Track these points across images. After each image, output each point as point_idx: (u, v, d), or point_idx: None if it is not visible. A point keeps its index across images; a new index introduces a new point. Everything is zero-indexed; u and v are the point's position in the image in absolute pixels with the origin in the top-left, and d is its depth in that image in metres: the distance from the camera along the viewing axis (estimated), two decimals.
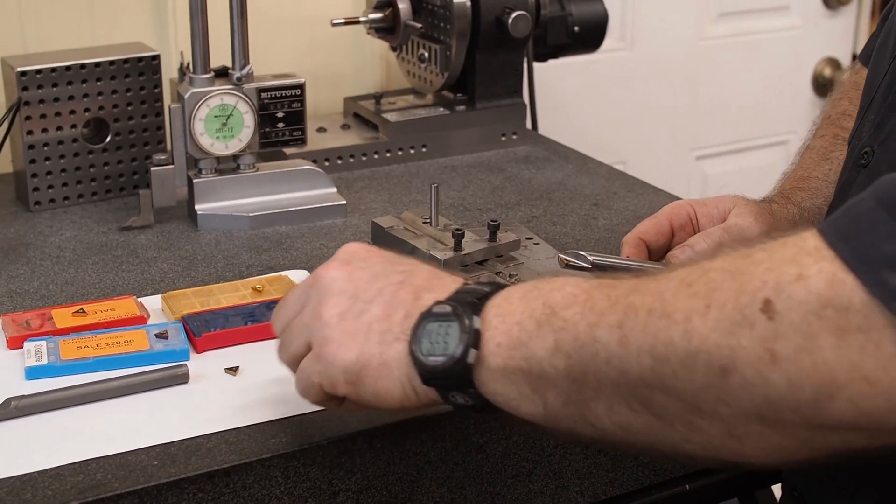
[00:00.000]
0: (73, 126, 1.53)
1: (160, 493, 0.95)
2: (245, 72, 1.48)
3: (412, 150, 1.74)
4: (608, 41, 1.93)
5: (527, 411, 0.83)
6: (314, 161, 1.60)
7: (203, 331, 1.16)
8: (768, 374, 0.69)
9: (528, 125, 1.91)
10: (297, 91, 1.52)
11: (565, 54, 1.92)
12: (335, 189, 1.55)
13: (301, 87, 1.52)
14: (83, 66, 1.52)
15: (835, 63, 2.66)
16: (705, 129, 2.54)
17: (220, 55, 1.51)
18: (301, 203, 1.51)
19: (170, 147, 1.53)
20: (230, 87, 1.48)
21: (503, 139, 1.80)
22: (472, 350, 0.83)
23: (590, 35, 1.89)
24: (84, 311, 1.20)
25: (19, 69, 1.48)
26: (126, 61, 1.54)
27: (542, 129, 1.99)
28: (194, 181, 1.49)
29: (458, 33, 1.71)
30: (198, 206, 1.49)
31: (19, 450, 0.98)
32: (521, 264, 1.27)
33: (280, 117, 1.51)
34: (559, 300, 0.81)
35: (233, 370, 1.12)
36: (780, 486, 1.11)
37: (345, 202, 1.53)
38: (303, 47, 1.89)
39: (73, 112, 1.53)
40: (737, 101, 2.55)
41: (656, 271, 1.14)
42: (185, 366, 1.09)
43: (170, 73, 1.68)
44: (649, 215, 1.21)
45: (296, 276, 1.31)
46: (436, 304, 0.87)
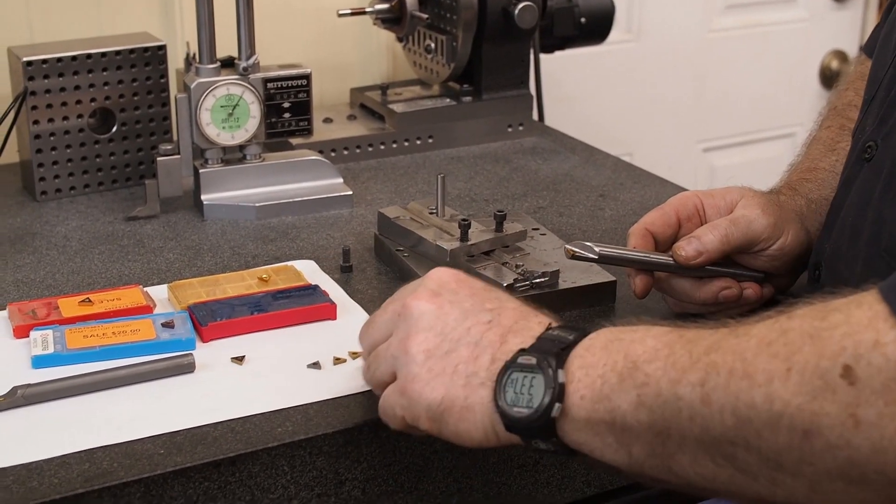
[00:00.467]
0: (80, 116, 1.53)
1: (166, 481, 0.95)
2: (251, 62, 1.48)
3: (418, 141, 1.74)
4: (615, 33, 1.93)
5: (611, 459, 0.85)
6: (320, 152, 1.60)
7: (209, 320, 1.16)
8: (851, 438, 0.71)
9: (535, 116, 1.90)
10: (304, 81, 1.52)
11: (572, 46, 1.92)
12: (341, 179, 1.54)
13: (307, 77, 1.52)
14: (89, 56, 1.52)
15: (842, 56, 2.65)
16: (712, 122, 2.53)
17: (227, 45, 1.50)
18: (307, 193, 1.51)
19: (176, 137, 1.53)
20: (236, 77, 1.48)
21: (509, 130, 1.80)
22: (557, 404, 0.85)
23: (596, 26, 1.89)
24: (90, 301, 1.20)
25: (25, 59, 1.48)
26: (132, 51, 1.54)
27: (549, 121, 1.98)
28: (200, 171, 1.49)
29: (465, 24, 1.71)
30: (204, 197, 1.49)
31: (26, 438, 0.98)
32: (528, 255, 1.27)
33: (286, 108, 1.51)
34: (640, 353, 0.83)
35: (239, 359, 1.12)
36: None
37: (351, 193, 1.53)
38: (309, 38, 1.89)
39: (79, 102, 1.53)
40: (744, 93, 2.54)
41: (669, 265, 1.14)
42: (192, 355, 1.09)
43: (176, 63, 1.68)
44: (656, 207, 1.20)
45: (302, 266, 1.31)
46: (521, 354, 0.88)
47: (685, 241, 1.15)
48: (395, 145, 1.73)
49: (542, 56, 1.93)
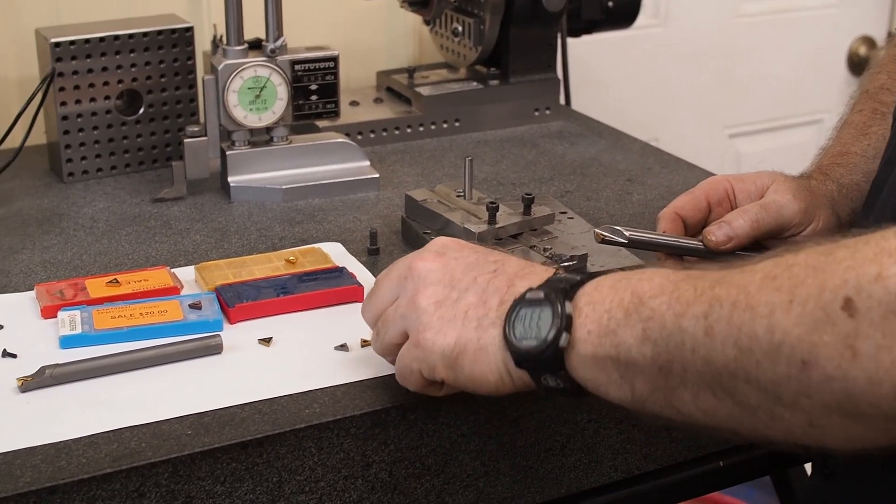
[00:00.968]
0: (107, 98, 1.53)
1: (194, 462, 0.95)
2: (279, 44, 1.48)
3: (445, 125, 1.74)
4: (642, 17, 1.92)
5: (615, 396, 0.86)
6: (347, 135, 1.59)
7: (236, 301, 1.15)
8: (848, 369, 0.71)
9: (561, 100, 1.90)
10: (331, 63, 1.51)
11: (599, 30, 1.91)
12: (368, 162, 1.54)
13: (335, 59, 1.52)
14: (117, 37, 1.52)
15: (870, 41, 2.63)
16: (739, 107, 2.52)
17: (254, 27, 1.50)
18: (334, 176, 1.51)
19: (203, 119, 1.53)
20: (264, 59, 1.47)
21: (536, 114, 1.79)
22: (564, 334, 0.85)
23: (624, 11, 1.88)
24: (118, 282, 1.20)
25: (53, 40, 1.48)
26: (160, 33, 1.54)
27: (575, 105, 1.97)
28: (227, 153, 1.49)
29: (493, 7, 1.70)
30: (231, 179, 1.49)
31: (54, 418, 0.98)
32: (556, 238, 1.27)
33: (313, 90, 1.51)
34: (647, 290, 0.83)
35: (266, 341, 1.11)
36: (811, 464, 1.10)
37: (378, 175, 1.52)
38: (336, 20, 1.88)
39: (106, 84, 1.53)
40: (771, 79, 2.53)
41: (698, 248, 1.14)
42: (219, 336, 1.09)
43: (203, 45, 1.68)
44: (684, 191, 1.20)
45: (329, 248, 1.31)
46: (529, 291, 0.89)
47: (715, 225, 1.14)
48: (421, 128, 1.73)
49: (570, 40, 1.92)
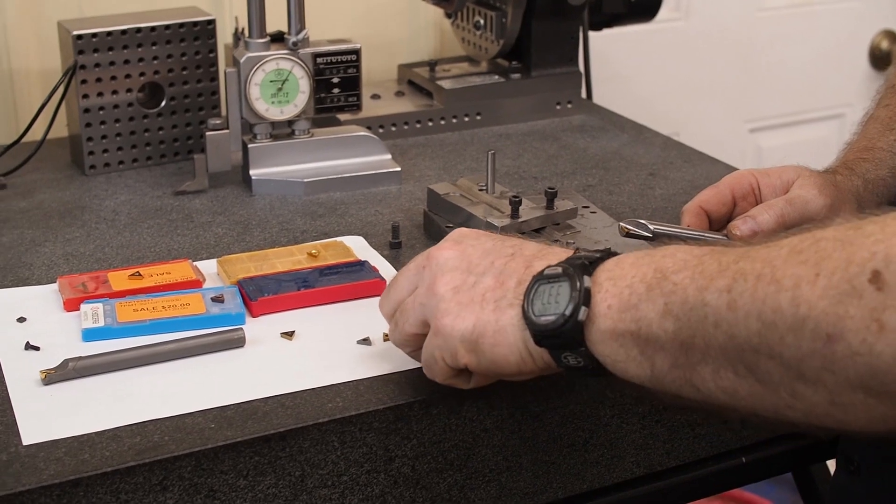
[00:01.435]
0: (129, 90, 1.53)
1: (217, 455, 0.95)
2: (301, 37, 1.47)
3: (466, 118, 1.73)
4: (664, 11, 1.91)
5: (634, 373, 0.85)
6: (368, 128, 1.59)
7: (259, 295, 1.15)
8: (874, 343, 0.70)
9: (583, 94, 1.89)
10: (353, 56, 1.51)
11: (621, 23, 1.91)
12: (390, 156, 1.54)
13: (357, 52, 1.51)
14: (139, 30, 1.52)
15: (892, 35, 2.62)
16: (760, 102, 2.51)
17: (276, 20, 1.50)
18: (356, 169, 1.50)
19: (225, 112, 1.52)
20: (286, 51, 1.47)
21: (558, 108, 1.79)
22: (583, 308, 0.84)
23: (646, 4, 1.87)
24: (140, 275, 1.20)
25: (75, 33, 1.48)
26: (182, 26, 1.54)
27: (597, 99, 1.97)
28: (249, 146, 1.49)
29: (515, 0, 1.70)
30: (252, 172, 1.49)
31: (77, 411, 0.98)
32: (579, 232, 1.26)
33: (335, 83, 1.51)
34: (670, 265, 0.82)
35: (289, 335, 1.11)
36: (836, 459, 1.10)
37: (399, 169, 1.52)
38: (357, 13, 1.88)
39: (128, 76, 1.53)
40: (792, 73, 2.52)
41: (722, 241, 1.13)
42: (242, 329, 1.09)
43: (224, 38, 1.68)
44: (706, 186, 1.19)
45: (351, 241, 1.30)
46: (547, 268, 0.88)
47: (740, 220, 1.13)
48: (443, 122, 1.72)
49: (591, 33, 1.92)
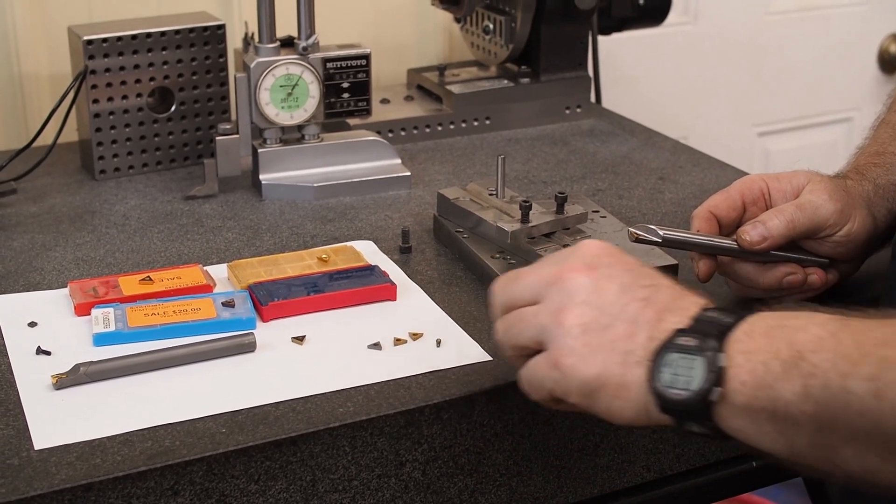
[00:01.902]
0: (139, 95, 1.54)
1: (228, 460, 0.95)
2: (311, 41, 1.48)
3: (476, 123, 1.74)
4: (672, 15, 1.91)
5: (768, 447, 0.83)
6: (377, 132, 1.59)
7: (269, 300, 1.15)
8: None
9: (592, 98, 1.89)
10: (363, 61, 1.51)
11: (630, 28, 1.90)
12: (399, 160, 1.54)
13: (367, 57, 1.51)
14: (149, 35, 1.52)
15: None
16: (768, 105, 2.51)
17: (285, 25, 1.50)
18: (366, 174, 1.51)
19: (235, 117, 1.53)
20: (296, 56, 1.47)
21: (567, 112, 1.79)
22: (716, 388, 0.83)
23: (654, 8, 1.87)
24: (150, 279, 1.20)
25: (86, 38, 1.49)
26: (191, 30, 1.54)
27: (606, 103, 1.97)
28: (259, 151, 1.49)
29: (524, 5, 1.70)
30: (262, 176, 1.49)
31: (88, 415, 0.99)
32: (589, 237, 1.26)
33: (345, 87, 1.51)
34: (806, 342, 0.81)
35: (299, 339, 1.11)
36: None
37: (409, 173, 1.52)
38: (367, 18, 1.88)
39: (138, 81, 1.53)
40: (801, 76, 2.52)
41: (736, 249, 1.13)
42: (252, 334, 1.09)
43: (234, 43, 1.68)
44: (716, 190, 1.19)
45: (361, 246, 1.31)
46: (679, 335, 0.86)
47: (750, 225, 1.13)
48: (452, 126, 1.72)
49: (600, 38, 1.92)
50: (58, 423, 0.97)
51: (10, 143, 1.66)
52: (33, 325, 1.14)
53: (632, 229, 1.13)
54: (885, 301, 1.13)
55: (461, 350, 1.10)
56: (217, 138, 1.47)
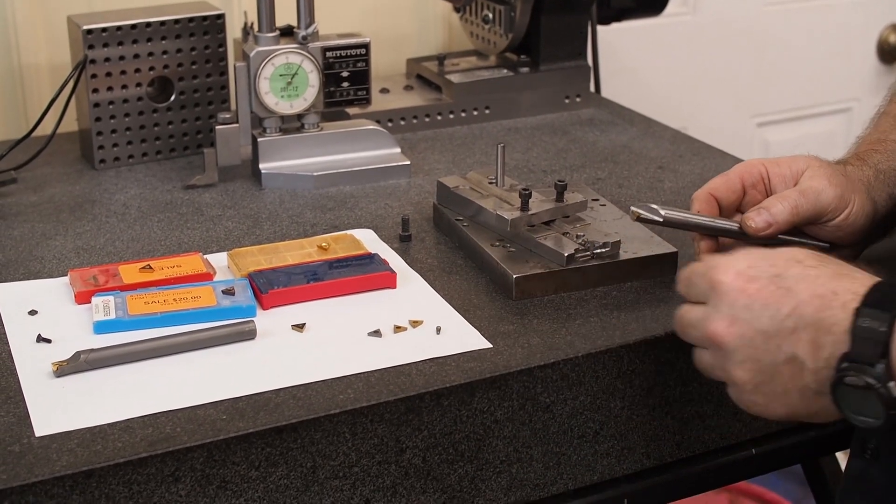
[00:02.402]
0: (138, 85, 1.54)
1: (229, 446, 0.95)
2: (310, 31, 1.48)
3: (475, 112, 1.74)
4: (672, 5, 1.91)
5: None
6: (377, 122, 1.59)
7: (269, 288, 1.16)
8: None
9: (591, 88, 1.89)
10: (363, 51, 1.51)
11: (629, 18, 1.90)
12: (399, 149, 1.54)
13: (366, 46, 1.52)
14: (148, 24, 1.52)
15: None
16: (767, 96, 2.51)
17: (285, 14, 1.50)
18: (365, 163, 1.51)
19: (234, 106, 1.53)
20: (295, 45, 1.47)
21: (567, 102, 1.79)
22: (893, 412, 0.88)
23: None
24: (151, 268, 1.20)
25: (85, 27, 1.49)
26: (191, 20, 1.54)
27: (605, 93, 1.97)
28: (258, 140, 1.49)
29: None
30: (262, 165, 1.49)
31: (89, 402, 0.99)
32: (588, 225, 1.26)
33: (345, 77, 1.51)
34: None
35: (299, 327, 1.12)
36: (850, 446, 1.10)
37: (409, 162, 1.52)
38: (366, 8, 1.88)
39: (137, 71, 1.53)
40: (800, 67, 2.52)
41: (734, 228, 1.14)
42: (253, 322, 1.10)
43: (233, 32, 1.68)
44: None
45: (361, 234, 1.31)
46: (845, 372, 0.88)
47: (754, 212, 1.13)
48: (451, 116, 1.72)
49: (600, 27, 1.92)
50: (58, 410, 0.98)
51: (10, 133, 1.66)
52: (34, 313, 1.14)
53: (634, 209, 1.13)
54: None
55: (461, 337, 1.10)
56: (217, 127, 1.47)
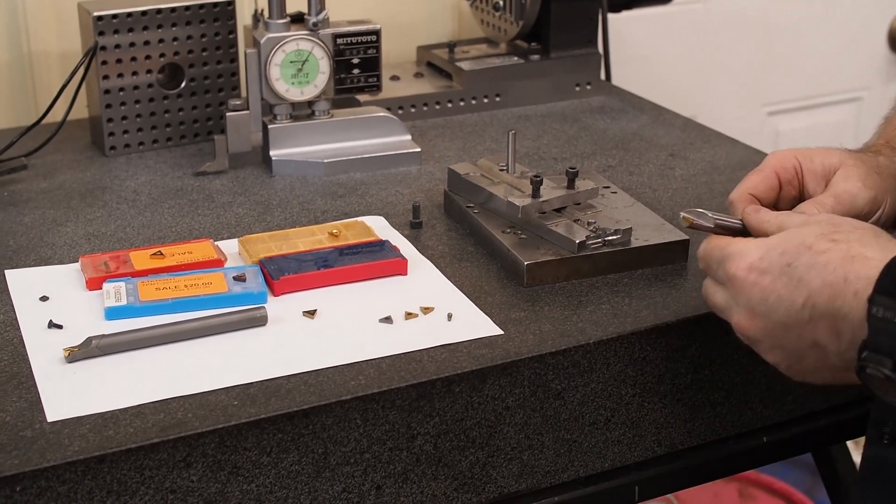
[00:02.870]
0: (149, 71, 1.54)
1: (240, 432, 0.95)
2: (321, 17, 1.47)
3: (486, 100, 1.73)
4: None
5: None
6: (388, 109, 1.59)
7: (280, 274, 1.16)
8: None
9: (602, 76, 1.89)
10: (373, 37, 1.51)
11: (640, 5, 1.90)
12: (410, 136, 1.54)
13: (377, 33, 1.51)
14: (159, 11, 1.52)
15: None
16: (778, 85, 2.50)
17: (295, 1, 1.50)
18: (376, 150, 1.50)
19: (245, 93, 1.53)
20: (306, 32, 1.47)
21: (577, 89, 1.79)
22: None
23: None
24: (162, 254, 1.20)
25: (96, 14, 1.49)
26: (201, 6, 1.54)
27: (616, 81, 1.97)
28: (269, 127, 1.49)
29: None
30: (272, 152, 1.49)
31: (100, 388, 0.99)
32: (599, 212, 1.26)
33: (355, 63, 1.51)
34: None
35: (311, 313, 1.12)
36: (866, 432, 1.09)
37: (419, 150, 1.52)
38: None
39: (148, 57, 1.53)
40: (810, 56, 2.51)
41: None
42: (264, 308, 1.10)
43: (243, 19, 1.68)
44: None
45: (372, 221, 1.31)
46: (864, 361, 0.88)
47: (795, 216, 1.12)
48: (462, 103, 1.72)
49: (610, 15, 1.91)
50: (70, 395, 0.98)
51: (21, 120, 1.66)
52: (45, 299, 1.14)
53: (685, 214, 1.09)
54: None
55: (472, 324, 1.10)
56: (227, 114, 1.47)
